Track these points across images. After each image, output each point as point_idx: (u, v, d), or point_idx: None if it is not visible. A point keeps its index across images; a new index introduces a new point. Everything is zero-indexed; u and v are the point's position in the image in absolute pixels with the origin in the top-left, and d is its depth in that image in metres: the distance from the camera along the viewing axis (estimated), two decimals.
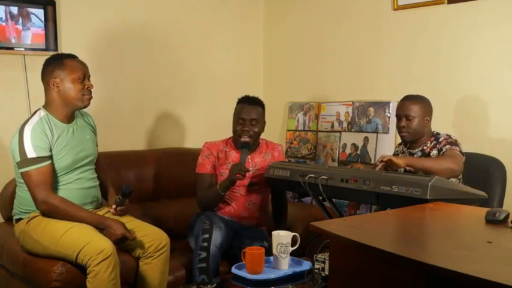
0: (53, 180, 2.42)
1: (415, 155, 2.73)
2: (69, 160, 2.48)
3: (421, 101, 2.72)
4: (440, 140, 2.67)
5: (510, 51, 2.91)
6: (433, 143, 2.69)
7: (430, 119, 2.73)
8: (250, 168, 2.89)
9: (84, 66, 2.52)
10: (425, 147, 2.71)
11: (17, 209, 2.54)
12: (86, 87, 2.49)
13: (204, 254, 2.65)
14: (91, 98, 2.52)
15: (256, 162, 2.97)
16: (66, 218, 2.41)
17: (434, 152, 2.65)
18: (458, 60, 3.11)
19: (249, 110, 2.90)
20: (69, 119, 2.53)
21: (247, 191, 2.93)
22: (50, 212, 2.41)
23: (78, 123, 2.57)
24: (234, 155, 2.95)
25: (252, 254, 2.31)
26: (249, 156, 2.95)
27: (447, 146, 2.62)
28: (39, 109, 2.50)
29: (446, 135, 2.68)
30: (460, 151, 2.60)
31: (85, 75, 2.50)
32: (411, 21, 3.30)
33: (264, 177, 2.89)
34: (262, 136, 3.05)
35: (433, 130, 2.76)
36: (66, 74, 2.46)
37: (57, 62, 2.47)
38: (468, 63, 3.07)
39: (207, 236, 2.69)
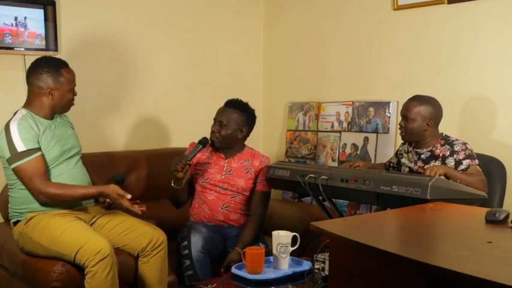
0: (45, 170, 2.45)
1: (422, 155, 2.72)
2: (57, 151, 2.51)
3: (426, 104, 2.69)
4: (456, 149, 2.64)
5: (510, 51, 2.91)
6: (445, 147, 2.67)
7: (435, 123, 2.70)
8: (190, 162, 2.75)
9: (74, 76, 2.59)
10: (434, 149, 2.69)
11: (13, 212, 2.55)
12: (74, 96, 2.59)
13: (188, 262, 2.65)
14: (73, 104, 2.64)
15: (232, 167, 2.92)
16: (67, 199, 2.45)
17: (451, 160, 2.62)
18: (458, 60, 3.11)
19: (220, 111, 2.91)
20: (51, 117, 2.58)
21: (218, 194, 2.89)
22: (49, 201, 2.44)
23: (58, 121, 2.62)
24: (211, 157, 2.95)
25: (252, 254, 2.31)
26: (227, 161, 2.92)
27: (467, 161, 2.59)
28: (19, 109, 2.54)
29: (462, 143, 2.65)
30: (479, 164, 2.60)
31: (75, 86, 2.59)
32: (411, 21, 3.30)
33: (239, 184, 2.88)
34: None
35: (440, 132, 2.75)
36: (62, 85, 2.52)
37: (55, 71, 2.50)
38: (468, 63, 3.07)
39: (185, 243, 2.69)
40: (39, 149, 2.44)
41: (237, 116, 2.90)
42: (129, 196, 2.42)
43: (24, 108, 2.53)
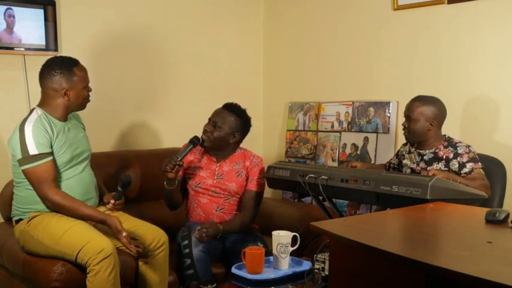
0: (55, 175, 2.44)
1: (425, 156, 2.72)
2: (68, 156, 2.50)
3: (429, 104, 2.69)
4: (459, 151, 2.63)
5: (510, 51, 2.91)
6: (448, 148, 2.66)
7: (438, 123, 2.69)
8: (180, 163, 2.74)
9: (87, 72, 2.58)
10: (437, 151, 2.69)
11: (16, 210, 2.55)
12: (89, 92, 2.58)
13: (188, 261, 2.64)
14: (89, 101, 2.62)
15: (224, 170, 2.91)
16: (70, 213, 2.43)
17: (455, 163, 2.62)
18: (458, 60, 3.11)
19: (216, 112, 2.89)
20: (65, 118, 2.56)
21: (212, 197, 2.88)
22: (53, 207, 2.44)
23: (72, 123, 2.61)
24: (203, 161, 2.94)
25: (252, 254, 2.31)
26: (218, 164, 2.91)
27: (471, 164, 2.59)
28: (34, 108, 2.52)
29: (465, 146, 2.65)
30: (482, 167, 2.60)
31: (89, 82, 2.57)
32: (411, 21, 3.30)
33: (230, 188, 2.87)
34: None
35: (443, 134, 2.75)
36: (76, 84, 2.50)
37: (67, 71, 2.48)
38: (468, 63, 3.07)
39: (186, 242, 2.68)
40: (50, 153, 2.43)
41: (233, 120, 2.86)
42: (124, 234, 2.38)
43: (40, 107, 2.51)
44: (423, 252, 1.51)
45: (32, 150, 2.38)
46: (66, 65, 2.50)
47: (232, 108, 2.90)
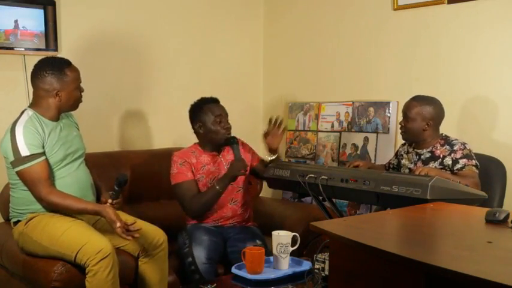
0: (49, 175, 2.44)
1: (422, 156, 2.72)
2: (61, 155, 2.50)
3: (427, 104, 2.69)
4: (455, 148, 2.63)
5: (510, 51, 2.91)
6: (444, 147, 2.66)
7: (434, 124, 2.69)
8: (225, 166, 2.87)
9: (79, 73, 2.56)
10: (434, 149, 2.69)
11: (13, 212, 2.54)
12: (81, 93, 2.57)
13: (197, 276, 2.65)
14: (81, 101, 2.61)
15: (228, 158, 2.95)
16: (66, 210, 2.44)
17: (448, 159, 2.62)
18: (458, 60, 3.11)
19: (221, 107, 2.97)
20: (57, 118, 2.55)
21: (228, 190, 2.89)
22: (49, 207, 2.44)
23: (64, 122, 2.60)
24: (205, 158, 2.94)
25: (252, 254, 2.31)
26: (221, 155, 2.97)
27: (464, 160, 2.59)
28: (25, 109, 2.51)
29: (461, 143, 2.65)
30: (476, 164, 2.59)
31: (80, 82, 2.56)
32: (411, 21, 3.30)
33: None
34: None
35: (441, 132, 2.75)
36: (68, 85, 2.49)
37: (58, 72, 2.47)
38: (468, 63, 3.07)
39: (190, 259, 2.68)
40: (43, 153, 2.42)
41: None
42: (118, 224, 2.35)
43: (31, 108, 2.51)
44: (423, 252, 1.51)
45: (24, 151, 2.38)
46: (58, 66, 2.49)
47: (217, 100, 3.03)
